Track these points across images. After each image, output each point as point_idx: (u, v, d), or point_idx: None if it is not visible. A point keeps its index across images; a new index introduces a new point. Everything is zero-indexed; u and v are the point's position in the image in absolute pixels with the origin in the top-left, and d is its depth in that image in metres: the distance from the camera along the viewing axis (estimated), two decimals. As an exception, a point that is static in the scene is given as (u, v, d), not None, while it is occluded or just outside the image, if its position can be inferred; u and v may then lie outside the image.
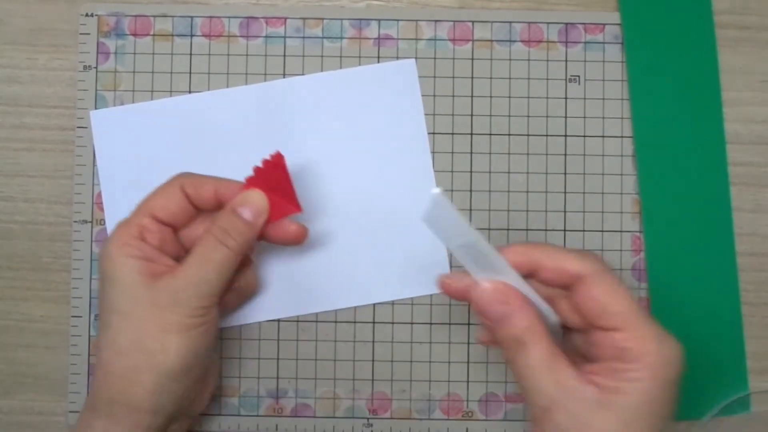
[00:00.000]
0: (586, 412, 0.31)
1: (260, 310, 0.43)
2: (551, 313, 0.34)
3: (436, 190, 0.31)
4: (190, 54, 0.43)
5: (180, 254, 0.38)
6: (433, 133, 0.43)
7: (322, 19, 0.43)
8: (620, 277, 0.42)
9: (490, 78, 0.43)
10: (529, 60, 0.43)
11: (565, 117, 0.43)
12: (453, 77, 0.43)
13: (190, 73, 0.43)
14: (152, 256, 0.36)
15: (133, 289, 0.35)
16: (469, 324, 0.43)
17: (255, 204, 0.37)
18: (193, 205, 0.38)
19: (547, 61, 0.43)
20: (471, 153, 0.43)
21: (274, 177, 0.37)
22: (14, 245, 0.43)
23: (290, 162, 0.40)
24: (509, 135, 0.43)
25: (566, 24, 0.43)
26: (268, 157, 0.37)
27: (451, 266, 0.43)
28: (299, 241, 0.38)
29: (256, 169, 0.37)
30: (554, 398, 0.31)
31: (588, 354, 0.33)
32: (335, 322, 0.43)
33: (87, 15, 0.43)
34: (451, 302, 0.43)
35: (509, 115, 0.43)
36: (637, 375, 0.31)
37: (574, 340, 0.35)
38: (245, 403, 0.43)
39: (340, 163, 0.43)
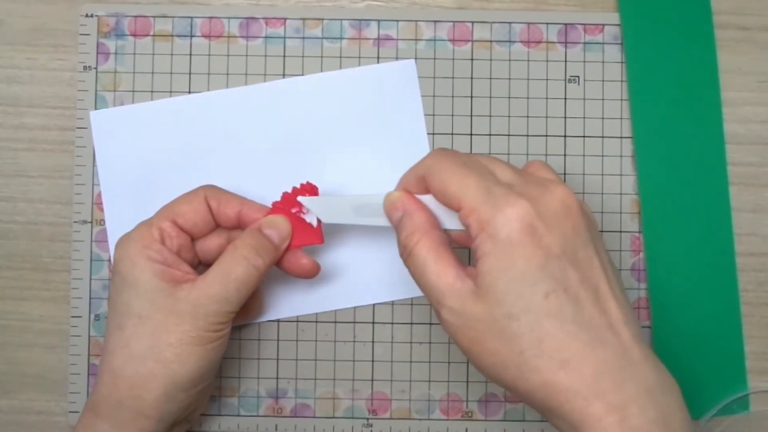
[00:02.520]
0: (465, 306, 0.31)
1: (263, 311, 0.43)
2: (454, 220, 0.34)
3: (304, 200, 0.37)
4: (190, 54, 0.43)
5: (194, 263, 0.38)
6: (433, 134, 0.43)
7: (322, 19, 0.43)
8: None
9: (490, 78, 0.43)
10: (528, 60, 0.43)
11: (565, 117, 0.43)
12: (453, 78, 0.43)
13: (190, 73, 0.43)
14: (171, 262, 0.36)
15: (152, 294, 0.35)
16: (468, 324, 0.43)
17: (280, 227, 0.37)
18: (214, 218, 0.38)
19: (547, 61, 0.43)
20: (471, 153, 0.43)
21: (300, 204, 0.38)
22: (14, 245, 0.43)
23: (289, 162, 0.40)
24: (509, 135, 0.43)
25: (566, 24, 0.43)
26: (297, 186, 0.38)
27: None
28: (310, 275, 0.39)
29: (284, 195, 0.38)
30: (439, 298, 0.32)
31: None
32: (335, 322, 0.43)
33: (87, 15, 0.43)
34: (451, 302, 0.43)
35: (509, 116, 0.43)
36: (483, 250, 0.30)
37: None
38: (245, 404, 0.43)
39: (340, 164, 0.43)
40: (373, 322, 0.43)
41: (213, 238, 0.39)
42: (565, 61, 0.43)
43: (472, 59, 0.43)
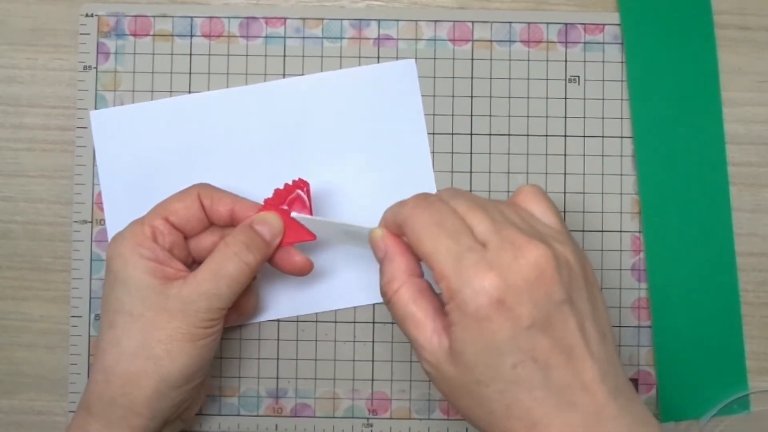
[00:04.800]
0: (440, 364, 0.31)
1: (260, 310, 0.43)
2: None
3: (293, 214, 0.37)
4: (190, 54, 0.43)
5: (187, 261, 0.38)
6: (433, 134, 0.43)
7: (322, 19, 0.43)
8: (619, 277, 0.43)
9: (490, 78, 0.43)
10: (528, 60, 0.43)
11: (565, 117, 0.43)
12: (453, 77, 0.43)
13: (190, 73, 0.43)
14: (163, 259, 0.36)
15: (144, 291, 0.35)
16: (468, 324, 0.43)
17: (272, 224, 0.37)
18: (207, 216, 0.38)
19: (547, 61, 0.43)
20: (471, 153, 0.43)
21: (293, 201, 0.38)
22: (14, 245, 0.43)
23: (290, 162, 0.40)
24: (509, 135, 0.43)
25: (566, 24, 0.43)
26: (289, 182, 0.38)
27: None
28: (303, 273, 0.39)
29: (276, 191, 0.38)
30: (417, 349, 0.32)
31: None
32: (335, 322, 0.43)
33: (87, 15, 0.43)
34: (451, 302, 0.43)
35: (509, 116, 0.43)
36: (453, 318, 0.30)
37: None
38: (245, 403, 0.43)
39: (340, 164, 0.43)
40: (373, 322, 0.43)
41: (206, 236, 0.39)
42: (566, 60, 0.43)
43: (472, 59, 0.43)
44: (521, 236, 0.31)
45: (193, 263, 0.39)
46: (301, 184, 0.38)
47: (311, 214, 0.38)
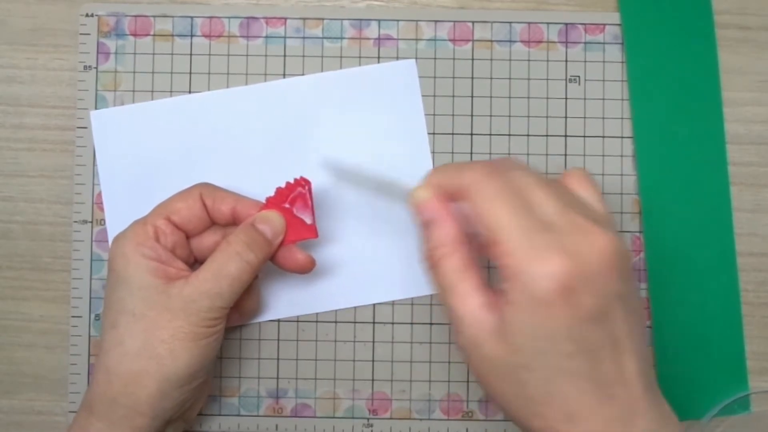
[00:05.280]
0: (483, 340, 0.30)
1: (262, 310, 0.43)
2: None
3: (323, 159, 0.36)
4: (191, 54, 0.43)
5: (189, 261, 0.38)
6: (433, 134, 0.43)
7: (322, 19, 0.43)
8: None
9: (490, 78, 0.43)
10: (529, 60, 0.43)
11: (565, 117, 0.43)
12: (453, 77, 0.43)
13: (191, 73, 0.43)
14: (166, 259, 0.36)
15: (146, 291, 0.35)
16: (469, 324, 0.43)
17: (274, 223, 0.37)
18: (209, 216, 0.38)
19: (547, 61, 0.43)
20: (471, 153, 0.43)
21: (294, 199, 0.38)
22: (14, 245, 0.43)
23: (290, 162, 0.40)
24: (509, 135, 0.43)
25: (566, 24, 0.43)
26: (291, 180, 0.38)
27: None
28: (305, 270, 0.39)
29: (278, 190, 0.38)
30: (458, 323, 0.31)
31: None
32: (335, 322, 0.43)
33: (87, 15, 0.43)
34: (451, 302, 0.43)
35: (509, 116, 0.43)
36: (512, 297, 0.29)
37: None
38: (245, 404, 0.43)
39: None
40: (374, 322, 0.43)
41: (208, 235, 0.39)
42: (566, 60, 0.43)
43: (472, 59, 0.43)
44: (587, 221, 0.30)
45: (195, 263, 0.39)
46: (303, 183, 0.38)
47: (313, 213, 0.38)
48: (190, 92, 0.43)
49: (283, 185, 0.38)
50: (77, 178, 0.43)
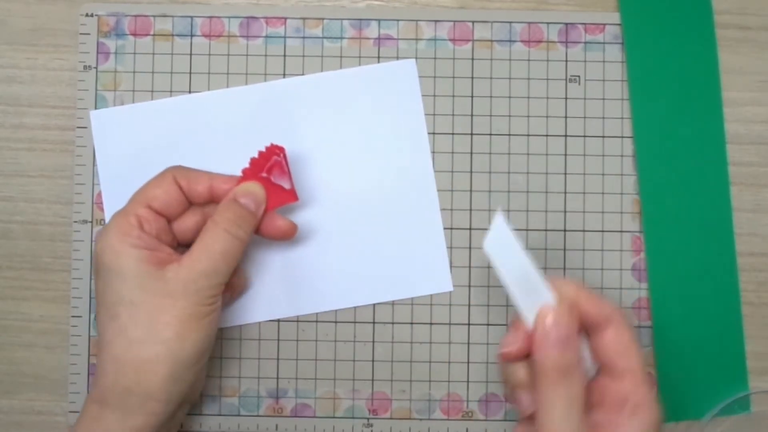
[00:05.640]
0: None
1: (260, 310, 0.43)
2: (588, 357, 0.35)
3: (500, 214, 0.33)
4: (190, 54, 0.43)
5: (173, 245, 0.39)
6: (433, 133, 0.43)
7: (322, 19, 0.43)
8: (620, 277, 0.43)
9: (490, 78, 0.43)
10: (529, 60, 0.43)
11: (565, 117, 0.43)
12: (453, 77, 0.43)
13: (190, 73, 0.43)
14: (153, 246, 0.36)
15: (141, 279, 0.35)
16: (469, 324, 0.43)
17: (255, 194, 0.38)
18: (186, 197, 0.38)
19: (547, 61, 0.43)
20: (471, 153, 0.43)
21: (271, 168, 0.38)
22: (14, 245, 0.43)
23: (290, 163, 0.40)
24: (509, 135, 0.43)
25: (566, 24, 0.43)
26: (263, 149, 0.39)
27: (451, 266, 0.43)
28: (288, 236, 0.39)
29: (252, 160, 0.39)
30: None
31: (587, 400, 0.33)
32: (335, 322, 0.43)
33: (87, 15, 0.43)
34: (452, 302, 0.43)
35: (509, 115, 0.43)
36: (633, 428, 0.32)
37: None
38: (245, 403, 0.43)
39: (340, 164, 0.43)
40: (374, 322, 0.43)
41: (188, 216, 0.39)
42: (566, 60, 0.43)
43: (472, 59, 0.43)
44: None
45: (178, 246, 0.39)
46: (277, 150, 0.39)
47: (290, 178, 0.39)
48: (190, 92, 0.43)
49: (256, 155, 0.39)
50: (77, 178, 0.43)
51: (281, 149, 0.39)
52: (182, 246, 0.39)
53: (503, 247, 0.34)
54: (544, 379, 0.33)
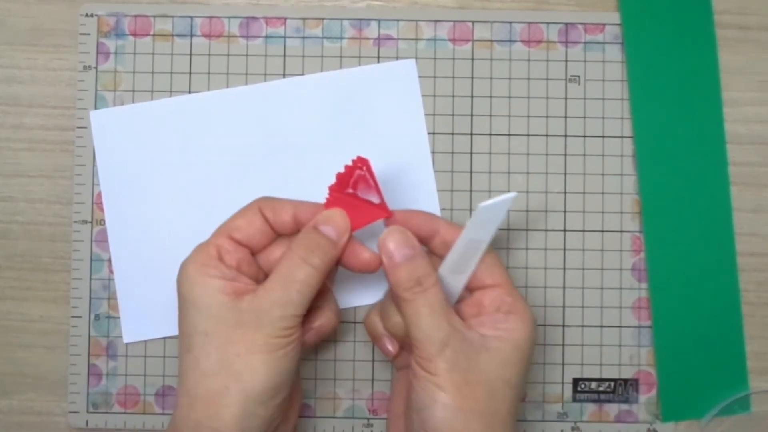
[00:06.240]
0: (472, 353, 0.34)
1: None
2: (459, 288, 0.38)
3: (513, 195, 0.36)
4: (190, 54, 0.43)
5: (258, 277, 0.37)
6: (433, 133, 0.43)
7: (322, 19, 0.43)
8: (620, 277, 0.43)
9: (490, 78, 0.43)
10: (529, 60, 0.43)
11: (565, 117, 0.43)
12: (453, 77, 0.43)
13: (190, 73, 0.43)
14: (231, 276, 0.35)
15: (215, 309, 0.34)
16: (469, 324, 0.43)
17: (337, 222, 0.36)
18: (272, 228, 0.37)
19: (547, 61, 0.43)
20: (471, 153, 0.43)
21: (356, 182, 0.37)
22: (14, 245, 0.43)
23: (290, 162, 0.40)
24: (509, 135, 0.43)
25: (566, 24, 0.43)
26: (350, 163, 0.37)
27: (451, 266, 0.43)
28: (370, 270, 0.37)
29: (339, 176, 0.37)
30: (448, 337, 0.34)
31: (462, 314, 0.37)
32: (335, 322, 0.43)
33: (87, 15, 0.43)
34: (451, 302, 0.43)
35: (509, 116, 0.43)
36: (514, 326, 0.35)
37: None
38: (245, 403, 0.43)
39: (341, 164, 0.43)
40: (374, 322, 0.43)
41: (275, 248, 0.38)
42: (566, 60, 0.43)
43: (472, 59, 0.43)
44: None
45: (265, 278, 0.38)
46: (360, 164, 0.37)
47: (379, 191, 0.37)
48: (189, 92, 0.43)
49: (342, 170, 0.37)
50: (77, 178, 0.43)
51: (365, 162, 0.37)
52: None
53: (488, 219, 0.36)
54: (402, 299, 0.35)
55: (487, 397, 0.34)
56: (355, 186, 0.37)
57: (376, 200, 0.37)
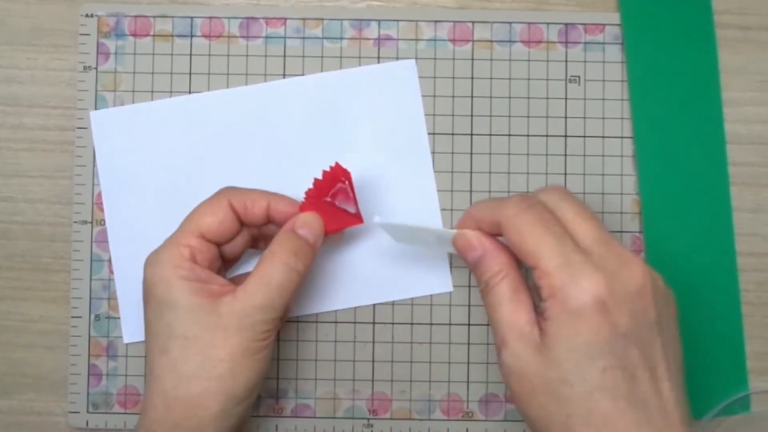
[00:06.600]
0: (526, 352, 0.32)
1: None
2: None
3: (377, 219, 0.36)
4: (190, 54, 0.43)
5: (220, 268, 0.38)
6: (433, 134, 0.43)
7: (322, 19, 0.43)
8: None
9: (490, 78, 0.43)
10: (529, 60, 0.43)
11: (565, 117, 0.43)
12: (453, 78, 0.43)
13: (190, 73, 0.43)
14: (206, 278, 0.35)
15: (194, 313, 0.34)
16: (469, 324, 0.43)
17: (314, 227, 0.37)
18: (240, 220, 0.37)
19: (547, 61, 0.43)
20: (471, 153, 0.43)
21: (335, 193, 0.38)
22: (14, 245, 0.43)
23: (290, 162, 0.40)
24: (509, 135, 0.43)
25: (566, 24, 0.43)
26: (327, 168, 0.38)
27: (451, 266, 0.43)
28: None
29: (317, 182, 0.38)
30: (505, 337, 0.32)
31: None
32: (335, 322, 0.43)
33: (87, 15, 0.43)
34: (452, 302, 0.43)
35: (509, 116, 0.43)
36: (551, 313, 0.31)
37: None
38: (245, 404, 0.43)
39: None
40: (374, 322, 0.43)
41: (238, 238, 0.38)
42: (566, 61, 0.43)
43: (472, 59, 0.43)
44: (626, 252, 0.32)
45: (223, 266, 0.39)
46: (343, 177, 0.38)
47: (356, 203, 0.38)
48: (189, 92, 0.43)
49: (319, 176, 0.38)
50: (77, 178, 0.43)
51: (347, 176, 0.38)
52: (227, 262, 0.39)
53: (401, 232, 0.37)
54: (481, 292, 0.35)
55: (548, 398, 0.32)
56: (334, 197, 0.38)
57: (352, 210, 0.38)
